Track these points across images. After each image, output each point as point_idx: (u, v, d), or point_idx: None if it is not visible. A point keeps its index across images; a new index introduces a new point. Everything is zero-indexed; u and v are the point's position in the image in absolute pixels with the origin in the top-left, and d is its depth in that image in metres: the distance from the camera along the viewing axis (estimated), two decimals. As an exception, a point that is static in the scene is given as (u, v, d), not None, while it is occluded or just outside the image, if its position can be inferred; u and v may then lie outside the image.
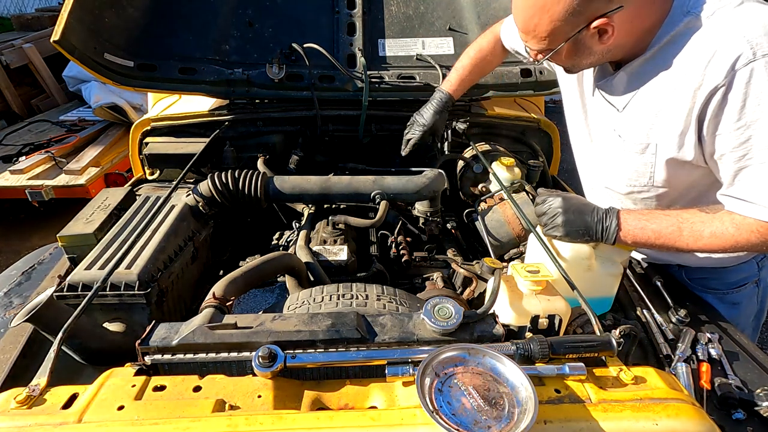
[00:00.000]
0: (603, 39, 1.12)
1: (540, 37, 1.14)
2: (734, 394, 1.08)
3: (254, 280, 1.29)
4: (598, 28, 1.09)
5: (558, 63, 1.27)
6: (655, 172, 1.24)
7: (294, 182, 1.69)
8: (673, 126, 1.14)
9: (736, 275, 1.45)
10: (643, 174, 1.26)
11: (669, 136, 1.16)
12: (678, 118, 1.12)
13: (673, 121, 1.14)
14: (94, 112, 4.40)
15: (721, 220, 1.11)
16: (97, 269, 1.27)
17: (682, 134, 1.13)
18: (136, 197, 1.71)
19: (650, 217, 1.17)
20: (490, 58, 1.77)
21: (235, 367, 0.92)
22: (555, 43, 1.14)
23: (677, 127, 1.13)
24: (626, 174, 1.30)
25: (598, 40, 1.13)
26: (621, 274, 1.26)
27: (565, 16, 1.07)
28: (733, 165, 1.08)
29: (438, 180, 1.75)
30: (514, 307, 1.05)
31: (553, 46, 1.15)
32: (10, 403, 0.80)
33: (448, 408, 0.74)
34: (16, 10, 10.12)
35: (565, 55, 1.18)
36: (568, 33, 1.11)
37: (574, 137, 1.54)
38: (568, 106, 1.52)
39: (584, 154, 1.52)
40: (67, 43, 1.68)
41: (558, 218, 1.19)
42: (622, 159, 1.29)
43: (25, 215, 4.18)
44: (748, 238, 1.08)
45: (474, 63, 1.76)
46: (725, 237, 1.10)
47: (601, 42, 1.13)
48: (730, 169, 1.10)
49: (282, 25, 2.07)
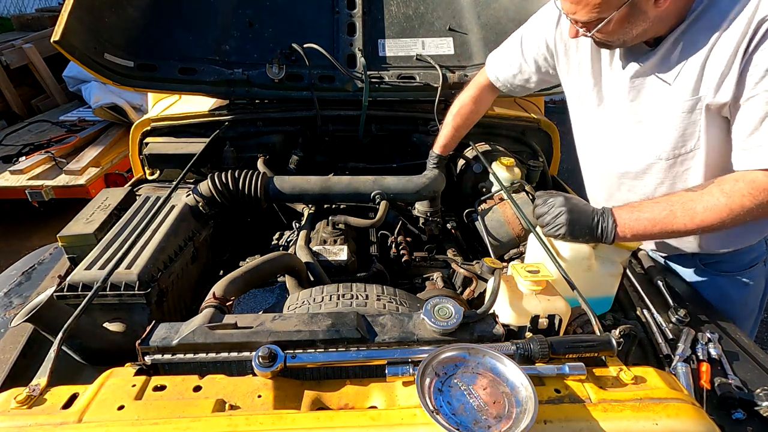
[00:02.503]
0: (659, 3, 1.09)
1: (594, 3, 1.09)
2: (734, 394, 1.08)
3: (254, 280, 1.29)
4: None
5: (601, 36, 1.21)
6: (701, 131, 1.21)
7: (294, 182, 1.69)
8: (718, 69, 1.12)
9: (748, 255, 1.46)
10: (691, 135, 1.23)
11: (712, 81, 1.13)
12: (723, 60, 1.10)
13: (719, 65, 1.12)
14: (94, 112, 4.40)
15: (710, 193, 1.11)
16: (97, 269, 1.27)
17: (723, 75, 1.11)
18: (136, 197, 1.71)
19: (641, 207, 1.18)
20: (475, 109, 1.77)
21: (235, 367, 0.92)
22: (609, 11, 1.10)
23: (720, 69, 1.11)
24: (671, 141, 1.27)
25: (654, 3, 1.09)
26: (621, 274, 1.26)
27: None
28: (764, 107, 1.07)
29: (438, 180, 1.76)
30: (514, 307, 1.05)
31: (607, 14, 1.10)
32: (10, 403, 0.80)
33: (448, 408, 0.74)
34: (16, 10, 10.12)
35: (615, 23, 1.13)
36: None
37: (584, 136, 1.53)
38: (578, 102, 1.50)
39: (598, 146, 1.50)
40: (67, 43, 1.68)
41: (561, 217, 1.19)
42: (668, 125, 1.26)
43: (25, 215, 4.18)
44: (742, 204, 1.08)
45: (459, 122, 1.77)
46: (719, 208, 1.10)
47: (657, 5, 1.10)
48: (759, 112, 1.08)
49: (282, 25, 2.07)
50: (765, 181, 1.08)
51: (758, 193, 1.08)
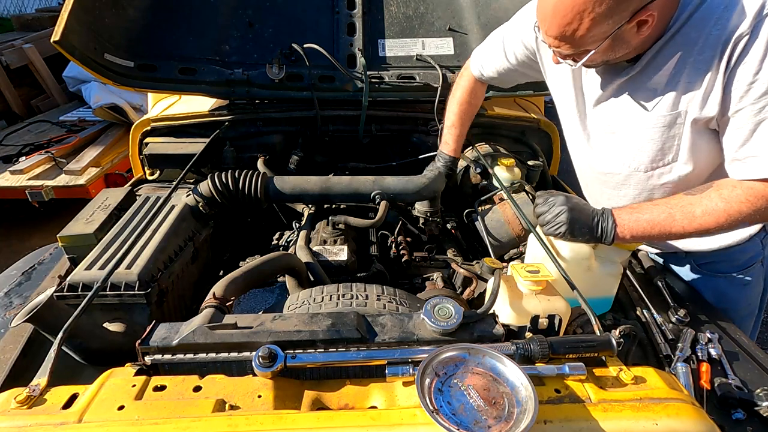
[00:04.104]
0: (642, 30, 1.09)
1: (578, 40, 1.10)
2: (734, 394, 1.09)
3: (254, 280, 1.29)
4: (639, 20, 1.06)
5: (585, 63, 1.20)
6: (681, 144, 1.22)
7: (294, 182, 1.69)
8: (699, 84, 1.12)
9: (744, 255, 1.46)
10: (670, 149, 1.24)
11: (695, 97, 1.14)
12: (704, 75, 1.11)
13: (699, 81, 1.12)
14: (94, 112, 4.40)
15: (708, 198, 1.13)
16: (98, 269, 1.27)
17: (706, 92, 1.12)
18: (136, 197, 1.71)
19: (641, 209, 1.19)
20: (474, 104, 1.77)
21: (235, 367, 0.92)
22: (594, 44, 1.11)
23: (703, 85, 1.12)
24: (649, 154, 1.27)
25: (636, 32, 1.10)
26: (621, 274, 1.27)
27: (609, 14, 1.04)
28: (752, 118, 1.07)
29: (438, 180, 1.75)
30: (514, 307, 1.05)
31: (591, 48, 1.12)
32: (10, 403, 0.80)
33: (448, 408, 0.74)
34: (16, 10, 10.12)
35: (599, 53, 1.14)
36: (608, 32, 1.07)
37: (571, 139, 1.54)
38: (563, 109, 1.50)
39: (581, 153, 1.51)
40: (67, 43, 1.68)
41: (562, 216, 1.19)
42: (647, 137, 1.26)
43: (25, 215, 4.18)
44: (740, 209, 1.10)
45: (460, 117, 1.77)
46: (717, 212, 1.11)
47: (639, 34, 1.10)
48: (748, 124, 1.08)
49: (282, 25, 2.07)
50: (762, 188, 1.09)
51: (756, 200, 1.09)
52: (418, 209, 1.85)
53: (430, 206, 1.82)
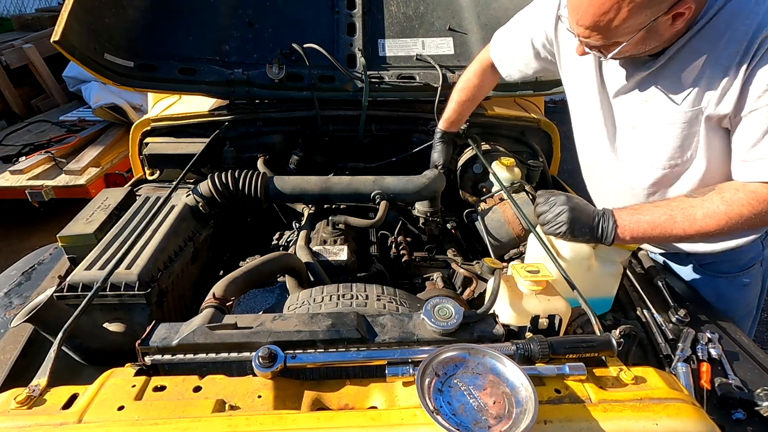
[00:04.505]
0: (676, 23, 1.07)
1: (612, 31, 1.07)
2: (734, 394, 1.09)
3: (254, 280, 1.29)
4: (676, 12, 1.04)
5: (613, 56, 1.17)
6: (699, 141, 1.21)
7: (294, 182, 1.69)
8: (719, 80, 1.11)
9: (745, 256, 1.46)
10: (689, 146, 1.23)
11: (713, 92, 1.13)
12: (725, 71, 1.10)
13: (719, 76, 1.11)
14: (94, 112, 4.40)
15: (710, 201, 1.13)
16: (97, 269, 1.27)
17: (724, 88, 1.11)
18: (136, 197, 1.71)
19: (642, 210, 1.19)
20: (480, 84, 1.75)
21: (235, 367, 0.92)
22: (626, 36, 1.07)
23: (722, 81, 1.11)
24: (668, 151, 1.26)
25: (670, 25, 1.08)
26: (621, 274, 1.26)
27: (649, 4, 1.01)
28: (766, 120, 1.06)
29: (438, 180, 1.75)
30: (514, 307, 1.05)
31: (624, 39, 1.08)
32: (10, 403, 0.80)
33: (448, 408, 0.74)
34: (16, 10, 10.12)
35: (630, 45, 1.10)
36: (643, 23, 1.04)
37: (586, 135, 1.52)
38: (580, 103, 1.48)
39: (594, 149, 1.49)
40: (67, 43, 1.68)
41: (563, 215, 1.19)
42: (668, 134, 1.24)
43: (25, 215, 4.18)
44: (741, 213, 1.10)
45: (465, 97, 1.76)
46: (718, 215, 1.11)
47: (673, 26, 1.08)
48: (761, 126, 1.08)
49: (282, 25, 2.07)
50: (764, 192, 1.09)
51: (757, 203, 1.09)
52: (418, 209, 1.85)
53: (430, 206, 1.82)
